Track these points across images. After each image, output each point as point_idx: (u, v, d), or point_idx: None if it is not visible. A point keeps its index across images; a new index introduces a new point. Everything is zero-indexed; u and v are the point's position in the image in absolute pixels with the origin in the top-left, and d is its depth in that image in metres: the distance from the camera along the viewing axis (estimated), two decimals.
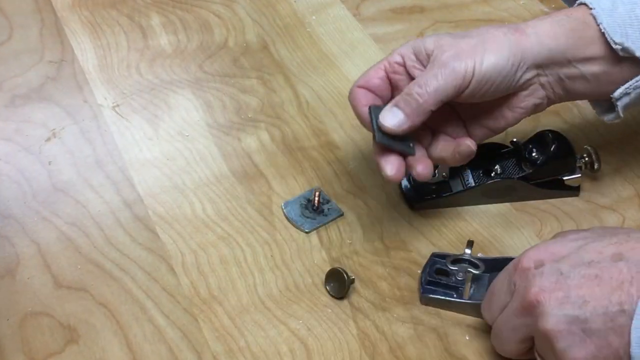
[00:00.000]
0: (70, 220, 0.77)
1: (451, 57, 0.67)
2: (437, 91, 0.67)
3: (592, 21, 0.69)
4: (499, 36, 0.69)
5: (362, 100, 0.71)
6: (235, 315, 0.70)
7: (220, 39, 0.98)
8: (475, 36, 0.69)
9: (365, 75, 0.72)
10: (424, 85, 0.67)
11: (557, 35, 0.69)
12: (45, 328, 0.69)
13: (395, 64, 0.71)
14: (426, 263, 0.73)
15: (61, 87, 0.90)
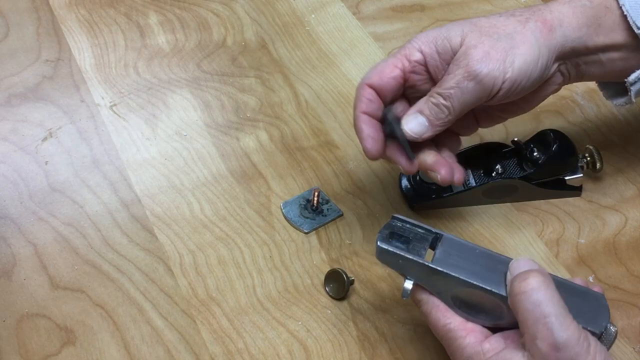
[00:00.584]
0: (67, 220, 0.77)
1: (479, 63, 0.64)
2: (464, 104, 0.65)
3: (614, 5, 0.67)
4: (527, 36, 0.66)
5: (362, 105, 0.67)
6: (233, 317, 0.70)
7: (219, 37, 0.98)
8: (502, 35, 0.65)
9: (377, 72, 0.67)
10: (448, 97, 0.64)
11: (579, 25, 0.67)
12: (42, 329, 0.69)
13: (416, 62, 0.67)
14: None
15: (58, 87, 0.90)
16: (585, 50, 0.68)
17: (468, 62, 0.64)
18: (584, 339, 0.54)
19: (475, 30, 0.66)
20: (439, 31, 0.67)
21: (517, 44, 0.65)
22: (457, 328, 0.61)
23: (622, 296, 0.73)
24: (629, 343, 0.70)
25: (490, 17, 0.68)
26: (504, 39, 0.65)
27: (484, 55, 0.64)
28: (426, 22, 1.02)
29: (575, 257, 0.76)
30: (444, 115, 0.65)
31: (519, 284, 0.56)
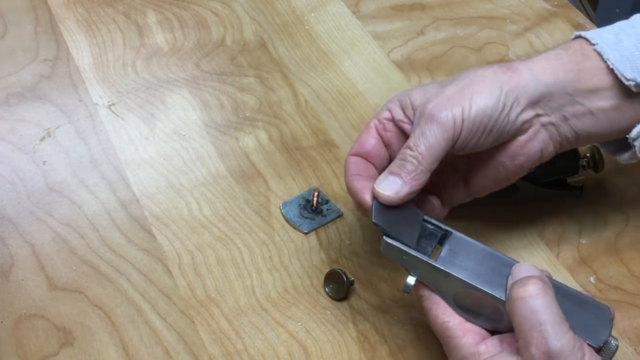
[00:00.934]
0: (65, 220, 0.77)
1: (437, 108, 0.63)
2: (430, 149, 0.62)
3: (592, 53, 0.65)
4: (487, 76, 0.65)
5: (351, 169, 0.66)
6: (232, 318, 0.70)
7: (218, 36, 0.98)
8: (462, 79, 0.65)
9: (358, 142, 0.67)
10: (415, 147, 0.63)
11: (554, 70, 0.65)
12: (40, 330, 0.69)
13: (385, 120, 0.67)
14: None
15: (56, 86, 0.90)
16: (565, 96, 0.66)
17: (428, 110, 0.63)
18: (579, 348, 0.54)
19: (435, 86, 0.66)
20: (404, 92, 0.68)
21: (476, 82, 0.64)
22: (455, 327, 0.61)
23: (624, 297, 0.73)
24: (630, 344, 0.70)
25: (455, 77, 0.67)
26: (462, 80, 0.65)
27: (442, 99, 0.64)
28: (426, 21, 1.02)
29: (576, 257, 0.76)
30: (414, 167, 0.63)
31: (517, 289, 0.57)
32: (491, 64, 0.93)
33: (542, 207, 0.80)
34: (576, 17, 1.03)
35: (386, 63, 0.96)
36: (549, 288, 0.57)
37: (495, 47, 0.98)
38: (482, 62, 0.96)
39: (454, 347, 0.61)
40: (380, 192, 0.63)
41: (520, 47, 0.99)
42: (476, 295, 0.61)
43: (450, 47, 0.98)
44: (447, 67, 0.95)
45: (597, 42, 0.66)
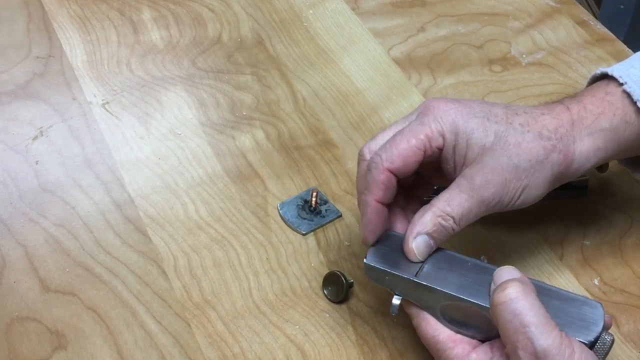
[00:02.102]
0: (58, 221, 0.77)
1: (493, 195, 0.63)
2: (468, 222, 0.65)
3: (632, 115, 0.67)
4: (546, 168, 0.65)
5: (380, 195, 0.64)
6: (229, 321, 0.71)
7: (214, 33, 0.98)
8: (523, 163, 0.64)
9: (401, 156, 0.63)
10: (460, 222, 0.64)
11: (598, 153, 0.67)
12: (32, 334, 0.69)
13: (437, 148, 0.64)
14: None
15: (49, 84, 0.90)
16: (598, 166, 0.70)
17: (481, 189, 0.63)
18: (567, 345, 0.55)
19: (498, 147, 0.64)
20: (463, 125, 0.64)
21: (534, 176, 0.65)
22: (445, 340, 0.62)
23: (628, 299, 0.73)
24: (635, 347, 0.70)
25: (517, 129, 0.65)
26: (523, 168, 0.64)
27: (500, 184, 0.63)
28: (427, 18, 1.02)
29: (580, 259, 0.76)
30: (449, 235, 0.64)
31: (498, 294, 0.57)
32: (493, 61, 0.93)
33: (545, 208, 0.80)
34: (580, 13, 1.03)
35: (386, 60, 0.96)
36: (529, 289, 0.57)
37: (497, 44, 0.99)
38: (483, 59, 0.96)
39: (445, 359, 0.61)
40: (414, 252, 0.64)
41: (523, 44, 0.99)
42: (463, 306, 0.61)
43: (451, 44, 0.98)
44: (448, 64, 0.96)
45: (626, 82, 0.68)
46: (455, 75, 0.94)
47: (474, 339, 0.62)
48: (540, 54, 0.98)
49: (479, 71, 0.95)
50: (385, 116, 0.89)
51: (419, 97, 0.91)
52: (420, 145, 0.64)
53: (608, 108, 0.68)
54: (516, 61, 0.96)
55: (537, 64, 0.96)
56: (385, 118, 0.89)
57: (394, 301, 0.64)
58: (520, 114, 0.66)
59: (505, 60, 0.97)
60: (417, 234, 0.64)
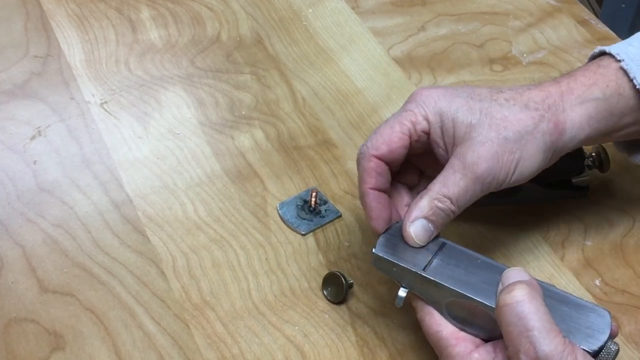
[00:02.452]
0: (56, 222, 0.77)
1: (485, 170, 0.63)
2: (466, 204, 0.64)
3: (626, 88, 0.67)
4: (537, 137, 0.65)
5: (373, 182, 0.66)
6: (228, 321, 0.70)
7: (213, 33, 0.98)
8: (512, 135, 0.64)
9: (386, 142, 0.65)
10: (457, 202, 0.64)
11: (590, 123, 0.67)
12: (30, 334, 0.69)
13: (422, 132, 0.66)
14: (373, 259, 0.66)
15: (47, 83, 0.90)
16: (593, 141, 0.70)
17: (475, 163, 0.64)
18: (569, 352, 0.54)
19: (485, 123, 0.65)
20: (446, 105, 0.65)
21: (526, 148, 0.65)
22: (448, 336, 0.62)
23: (630, 300, 0.73)
24: (636, 349, 0.70)
25: (502, 104, 0.66)
26: (513, 140, 0.64)
27: (492, 158, 0.64)
28: (427, 17, 1.02)
29: (581, 259, 0.76)
30: (449, 219, 0.65)
31: (504, 296, 0.57)
32: (494, 60, 0.93)
33: (546, 208, 0.80)
34: (581, 12, 1.03)
35: (386, 60, 0.96)
36: (536, 292, 0.57)
37: (497, 44, 0.99)
38: (484, 58, 0.96)
39: (447, 356, 0.61)
40: (412, 237, 0.64)
41: (524, 43, 0.99)
42: (468, 304, 0.61)
43: (451, 44, 0.98)
44: (449, 63, 0.96)
45: (623, 59, 0.67)
46: (455, 75, 0.94)
47: (477, 337, 0.62)
48: (541, 53, 0.98)
49: (479, 70, 0.95)
50: (385, 115, 0.89)
51: None
52: (404, 130, 0.65)
53: (601, 79, 0.68)
54: (517, 60, 0.96)
55: (538, 63, 0.96)
56: (385, 117, 0.88)
57: (400, 293, 0.64)
58: (504, 91, 0.67)
59: (506, 59, 0.97)
60: (414, 219, 0.64)
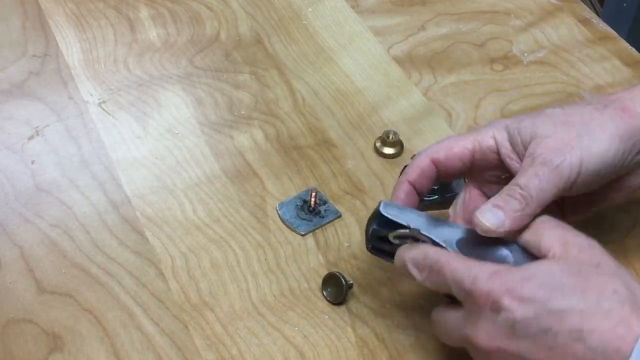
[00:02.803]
0: (55, 222, 0.77)
1: (553, 154, 0.62)
2: (540, 194, 0.62)
3: None
4: (604, 121, 0.63)
5: (414, 177, 0.66)
6: (227, 322, 0.71)
7: (212, 32, 0.98)
8: (577, 123, 0.64)
9: (445, 148, 0.66)
10: (526, 187, 0.62)
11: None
12: (28, 335, 0.69)
13: (488, 149, 0.66)
14: (372, 219, 0.67)
15: (45, 83, 0.90)
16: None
17: (543, 152, 0.63)
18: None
19: (547, 121, 0.65)
20: (512, 121, 0.66)
21: (593, 129, 0.64)
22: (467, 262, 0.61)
23: None
24: None
25: (564, 107, 0.66)
26: (579, 126, 0.64)
27: (559, 143, 0.63)
28: (427, 16, 1.02)
29: None
30: (521, 207, 0.62)
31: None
32: (494, 59, 0.93)
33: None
34: (582, 11, 1.03)
35: (386, 59, 0.96)
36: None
37: (498, 43, 0.99)
38: (484, 58, 0.96)
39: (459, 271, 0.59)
40: (481, 222, 0.62)
41: (525, 42, 0.99)
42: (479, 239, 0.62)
43: (452, 43, 0.98)
44: (449, 63, 0.96)
45: None
46: (456, 74, 0.94)
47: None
48: (542, 53, 0.98)
49: (480, 70, 0.95)
50: (385, 115, 0.89)
51: (419, 96, 0.91)
52: (467, 144, 0.66)
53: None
54: (518, 60, 0.97)
55: (539, 63, 0.96)
56: (385, 117, 0.89)
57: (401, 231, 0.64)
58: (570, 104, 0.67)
59: (507, 59, 0.97)
60: (483, 210, 0.63)
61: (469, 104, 0.91)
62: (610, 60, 0.97)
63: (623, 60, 0.97)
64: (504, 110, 0.90)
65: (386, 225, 0.65)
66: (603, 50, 0.98)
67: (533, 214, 0.62)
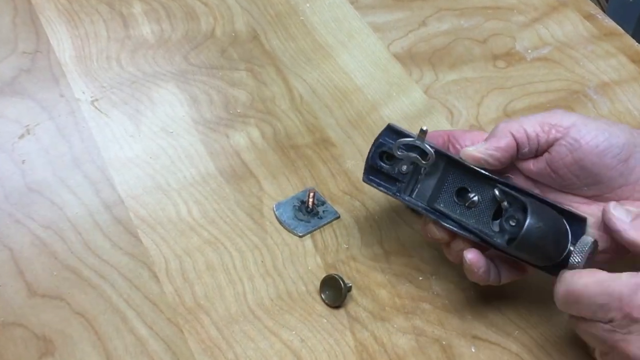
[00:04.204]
0: (46, 223, 0.77)
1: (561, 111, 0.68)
2: (524, 120, 0.67)
3: None
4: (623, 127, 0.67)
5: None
6: (223, 326, 0.71)
7: (207, 28, 0.98)
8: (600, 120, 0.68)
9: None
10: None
11: None
12: (19, 339, 0.69)
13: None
14: (379, 135, 0.70)
15: (36, 80, 0.90)
16: None
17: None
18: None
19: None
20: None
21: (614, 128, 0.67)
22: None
23: None
24: None
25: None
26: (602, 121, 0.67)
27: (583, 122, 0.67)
28: (428, 12, 1.02)
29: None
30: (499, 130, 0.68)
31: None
32: (497, 56, 0.93)
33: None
34: (587, 7, 1.03)
35: (386, 56, 0.96)
36: None
37: (501, 39, 0.99)
38: (487, 54, 0.96)
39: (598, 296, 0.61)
40: (464, 150, 0.68)
41: (528, 39, 0.99)
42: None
43: (453, 39, 0.99)
44: (450, 60, 0.96)
45: None
46: (457, 71, 0.94)
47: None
48: (546, 49, 0.98)
49: (482, 67, 0.95)
50: (385, 114, 0.89)
51: (420, 94, 0.91)
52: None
53: None
54: (521, 56, 0.97)
55: (543, 60, 0.96)
56: (385, 115, 0.89)
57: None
58: None
59: (510, 55, 0.97)
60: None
61: (471, 102, 0.91)
62: (616, 57, 0.97)
63: (629, 57, 0.97)
64: (507, 108, 0.90)
65: (392, 139, 0.69)
66: (608, 47, 0.98)
67: (510, 134, 0.67)
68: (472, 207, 0.67)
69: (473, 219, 0.67)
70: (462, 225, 0.67)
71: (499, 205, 0.66)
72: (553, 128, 0.66)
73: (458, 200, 0.68)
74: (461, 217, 0.68)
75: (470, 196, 0.67)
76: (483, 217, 0.67)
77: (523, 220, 0.63)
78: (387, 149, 0.69)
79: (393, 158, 0.69)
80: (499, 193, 0.66)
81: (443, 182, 0.69)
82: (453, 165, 0.69)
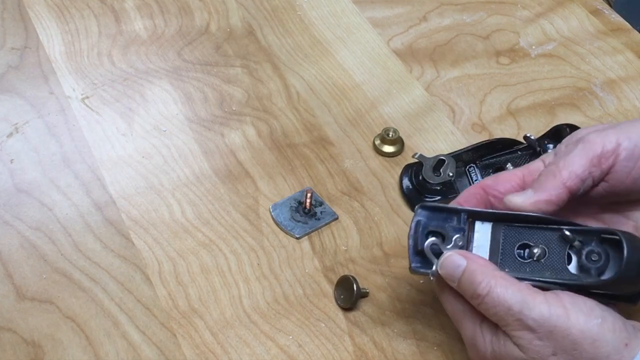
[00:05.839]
0: (35, 224, 0.77)
1: (590, 133, 0.65)
2: (568, 163, 0.64)
3: None
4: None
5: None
6: (217, 330, 0.71)
7: (202, 23, 0.98)
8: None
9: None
10: (557, 161, 0.65)
11: None
12: (7, 344, 0.69)
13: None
14: (413, 222, 0.65)
15: (24, 77, 0.91)
16: None
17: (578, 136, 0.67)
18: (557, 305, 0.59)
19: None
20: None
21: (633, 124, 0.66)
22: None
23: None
24: None
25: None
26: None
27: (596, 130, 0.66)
28: (429, 7, 1.02)
29: None
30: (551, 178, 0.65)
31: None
32: (500, 52, 0.94)
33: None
34: (593, 1, 1.04)
35: (386, 52, 0.96)
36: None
37: (504, 35, 0.99)
38: (490, 50, 0.96)
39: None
40: (510, 200, 0.64)
41: (532, 34, 0.99)
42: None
43: (455, 35, 0.99)
44: (452, 56, 0.96)
45: None
46: (459, 68, 0.95)
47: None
48: (550, 45, 0.98)
49: (485, 63, 0.95)
50: (384, 111, 0.89)
51: (421, 91, 0.91)
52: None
53: None
54: (525, 53, 0.97)
55: (548, 56, 0.97)
56: (384, 113, 0.89)
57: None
58: None
59: (513, 51, 0.97)
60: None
61: (474, 100, 0.91)
62: (623, 53, 0.97)
63: (636, 53, 0.97)
64: (511, 106, 0.90)
65: (432, 218, 0.65)
66: (615, 43, 0.98)
67: (564, 185, 0.63)
68: (541, 259, 0.64)
69: (548, 271, 0.63)
70: (542, 282, 0.63)
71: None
72: (602, 157, 0.64)
73: (522, 258, 0.65)
74: (533, 274, 0.63)
75: (535, 251, 0.63)
76: (558, 264, 0.63)
77: (604, 252, 0.61)
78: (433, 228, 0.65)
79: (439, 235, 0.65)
80: (570, 233, 0.62)
81: (498, 244, 0.65)
82: (503, 223, 0.65)
